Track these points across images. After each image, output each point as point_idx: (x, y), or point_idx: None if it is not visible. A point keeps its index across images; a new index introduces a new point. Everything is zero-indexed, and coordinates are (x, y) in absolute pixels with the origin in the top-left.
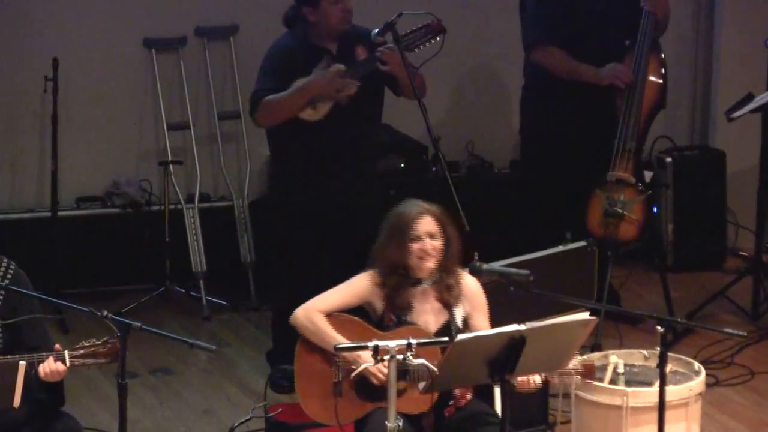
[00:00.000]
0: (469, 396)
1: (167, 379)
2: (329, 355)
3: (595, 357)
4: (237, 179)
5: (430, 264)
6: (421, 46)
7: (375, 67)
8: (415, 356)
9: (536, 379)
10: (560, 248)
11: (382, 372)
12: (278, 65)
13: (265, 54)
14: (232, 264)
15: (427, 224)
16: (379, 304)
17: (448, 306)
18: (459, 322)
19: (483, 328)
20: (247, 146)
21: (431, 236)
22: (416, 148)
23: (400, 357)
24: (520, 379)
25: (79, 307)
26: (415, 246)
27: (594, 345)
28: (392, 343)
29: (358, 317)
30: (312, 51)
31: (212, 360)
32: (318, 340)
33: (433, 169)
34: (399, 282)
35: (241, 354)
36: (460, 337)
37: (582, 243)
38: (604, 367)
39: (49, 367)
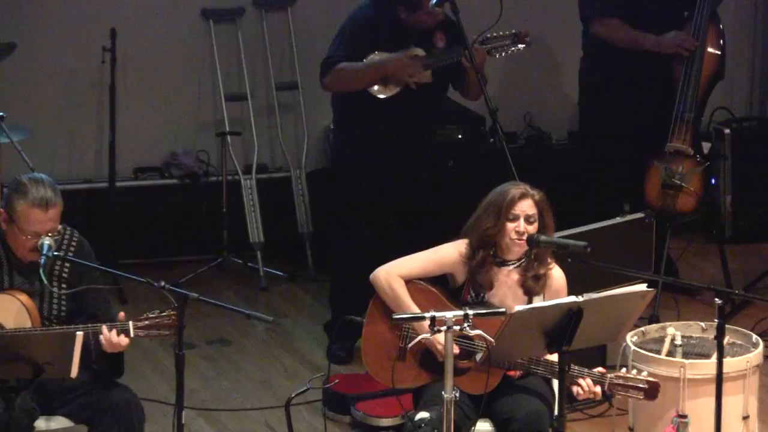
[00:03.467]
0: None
1: (224, 350)
2: None
3: (652, 329)
4: (294, 150)
5: (520, 247)
6: (503, 54)
7: (455, 61)
8: (473, 327)
9: (597, 390)
10: (618, 219)
11: (440, 343)
12: (358, 33)
13: (347, 18)
14: (289, 235)
15: (526, 206)
16: (460, 277)
17: (529, 294)
18: None
19: None
20: (304, 117)
21: (527, 219)
22: (474, 119)
23: (456, 328)
24: (579, 391)
25: (137, 277)
26: (510, 225)
27: (651, 317)
28: (449, 314)
29: (437, 288)
30: (395, 26)
31: (269, 331)
32: (393, 305)
33: (491, 140)
34: (486, 258)
35: (298, 325)
36: (518, 308)
37: (640, 214)
38: (661, 339)
39: (112, 338)
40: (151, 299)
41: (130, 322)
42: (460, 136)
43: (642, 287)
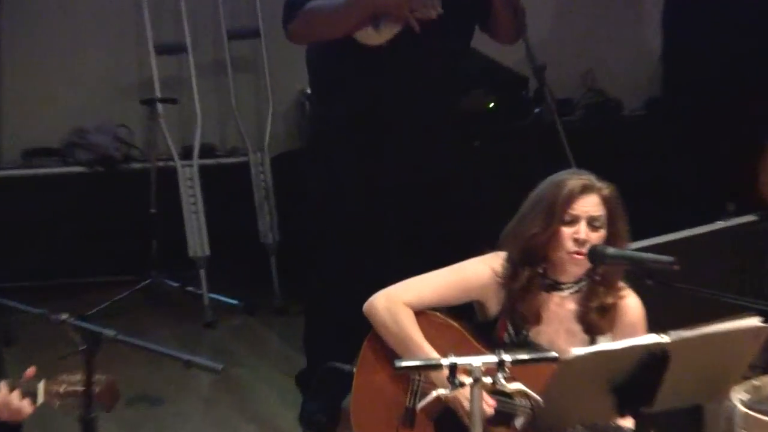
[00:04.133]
0: None
1: (153, 412)
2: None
3: None
4: (255, 125)
5: (578, 265)
6: None
7: None
8: (511, 379)
9: None
10: (719, 224)
11: (466, 400)
12: None
13: None
14: (246, 247)
15: (589, 204)
16: (493, 305)
17: (591, 332)
18: None
19: None
20: (268, 78)
21: (591, 223)
22: (512, 80)
23: (488, 380)
24: None
25: (28, 308)
26: (567, 231)
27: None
28: (477, 360)
29: (461, 323)
30: None
31: (218, 384)
32: (398, 345)
33: (537, 110)
34: (532, 278)
35: (258, 376)
36: (575, 351)
37: (750, 217)
38: None
39: (13, 403)
40: (47, 339)
41: (41, 383)
42: (491, 105)
43: (754, 321)
